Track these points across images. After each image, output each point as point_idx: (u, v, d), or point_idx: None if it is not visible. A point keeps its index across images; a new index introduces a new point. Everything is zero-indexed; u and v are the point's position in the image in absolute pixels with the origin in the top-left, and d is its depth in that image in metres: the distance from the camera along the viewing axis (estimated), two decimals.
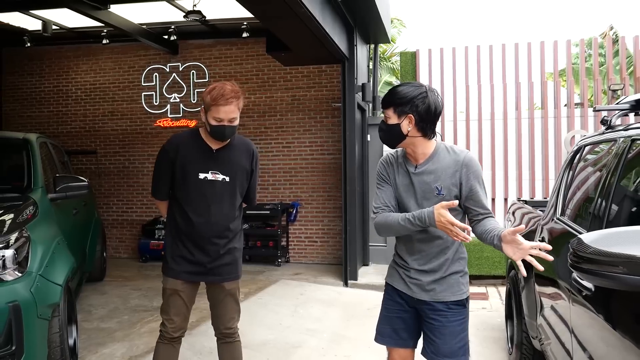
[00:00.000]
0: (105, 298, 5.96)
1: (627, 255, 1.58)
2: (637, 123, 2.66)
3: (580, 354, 2.41)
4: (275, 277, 7.19)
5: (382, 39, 8.31)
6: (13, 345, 2.67)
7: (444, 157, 2.34)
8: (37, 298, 2.86)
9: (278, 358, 4.22)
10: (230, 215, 2.92)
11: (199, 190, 2.84)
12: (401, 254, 2.46)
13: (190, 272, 2.89)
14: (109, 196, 9.00)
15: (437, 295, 2.37)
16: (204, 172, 2.84)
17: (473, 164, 2.34)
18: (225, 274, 2.94)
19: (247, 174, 2.98)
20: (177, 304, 2.92)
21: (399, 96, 2.30)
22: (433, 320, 2.38)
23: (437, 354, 2.38)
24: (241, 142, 2.99)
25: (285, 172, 8.39)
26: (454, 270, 2.39)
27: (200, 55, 8.72)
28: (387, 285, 2.55)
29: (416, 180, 2.35)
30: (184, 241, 2.90)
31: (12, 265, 2.79)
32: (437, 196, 2.30)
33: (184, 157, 2.85)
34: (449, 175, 2.31)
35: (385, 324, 2.52)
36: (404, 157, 2.42)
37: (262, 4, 4.86)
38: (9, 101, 9.54)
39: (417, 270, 2.39)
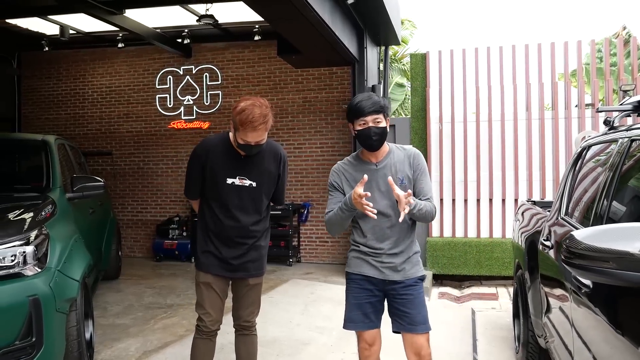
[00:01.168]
0: (120, 295, 6.10)
1: (617, 250, 1.64)
2: (638, 124, 2.71)
3: (581, 349, 2.47)
4: (286, 276, 7.29)
5: (393, 41, 8.39)
6: (33, 337, 2.79)
7: (397, 153, 2.75)
8: (56, 292, 2.98)
9: (288, 354, 4.31)
10: (256, 217, 3.03)
11: (226, 194, 2.95)
12: (370, 243, 2.71)
13: (220, 267, 3.02)
14: (124, 197, 9.18)
15: (407, 273, 2.72)
16: (232, 178, 2.94)
17: (420, 157, 2.78)
18: (250, 270, 3.08)
19: (274, 178, 3.09)
20: (211, 296, 3.04)
21: (383, 103, 2.68)
22: (405, 295, 2.71)
23: (413, 323, 2.70)
24: (270, 147, 3.06)
25: (296, 173, 8.49)
26: (416, 250, 2.79)
27: (213, 58, 8.86)
28: (353, 275, 2.77)
29: (379, 174, 2.68)
30: (212, 238, 3.02)
31: (32, 261, 2.92)
32: (401, 185, 2.63)
33: (213, 162, 2.95)
34: (406, 167, 2.71)
35: (355, 311, 2.74)
36: (359, 159, 2.76)
37: (272, 7, 4.97)
38: (27, 104, 9.77)
39: (389, 254, 2.69)
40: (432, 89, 7.75)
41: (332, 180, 2.79)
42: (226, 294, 3.16)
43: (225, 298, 3.16)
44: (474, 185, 7.60)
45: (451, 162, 7.60)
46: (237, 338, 3.25)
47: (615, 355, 1.98)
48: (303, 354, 4.35)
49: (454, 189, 7.60)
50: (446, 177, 7.62)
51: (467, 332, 5.20)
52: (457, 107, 7.63)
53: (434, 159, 7.58)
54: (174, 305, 5.70)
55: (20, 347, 2.75)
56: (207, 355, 3.15)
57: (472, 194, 7.61)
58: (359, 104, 2.65)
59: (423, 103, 7.72)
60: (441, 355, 4.13)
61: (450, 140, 7.65)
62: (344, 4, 5.96)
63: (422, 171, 2.75)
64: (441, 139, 7.69)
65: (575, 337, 2.58)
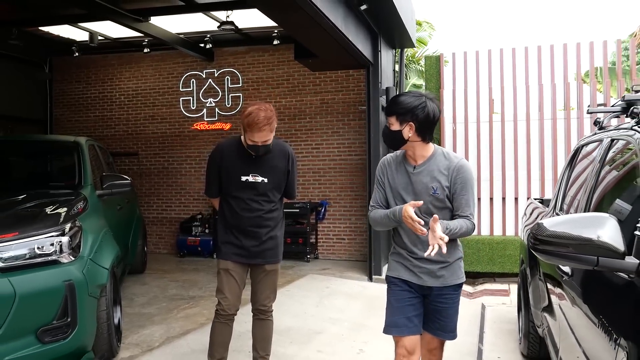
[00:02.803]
0: (145, 288, 6.46)
1: (579, 237, 1.86)
2: (623, 124, 2.90)
3: (565, 330, 2.69)
4: (303, 272, 7.57)
5: (407, 44, 8.59)
6: (68, 318, 3.11)
7: (440, 160, 2.60)
8: (88, 278, 3.30)
9: (300, 342, 4.58)
10: (269, 208, 3.36)
11: (241, 190, 3.30)
12: (407, 246, 2.64)
13: (237, 254, 3.34)
14: (150, 195, 9.57)
15: (446, 281, 2.62)
16: (245, 175, 3.29)
17: (464, 170, 2.58)
18: (267, 257, 3.38)
19: (284, 173, 3.41)
20: (230, 281, 3.34)
21: (401, 106, 2.56)
22: (440, 303, 2.64)
23: (443, 329, 2.68)
24: (278, 146, 3.41)
25: (314, 173, 8.76)
26: (458, 256, 2.68)
27: (234, 61, 9.19)
28: (393, 279, 2.71)
29: (414, 179, 2.60)
30: (232, 230, 3.35)
31: (67, 250, 3.24)
32: (432, 195, 2.55)
33: (228, 162, 3.32)
34: (444, 178, 2.56)
35: (398, 315, 2.65)
36: (404, 157, 2.67)
37: (287, 16, 5.24)
38: (58, 106, 10.25)
39: (425, 259, 2.54)
40: (446, 91, 7.94)
41: (377, 174, 2.75)
42: (244, 282, 3.44)
43: (243, 286, 3.44)
44: (486, 185, 7.78)
45: None
46: (254, 322, 3.54)
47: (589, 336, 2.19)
48: (315, 342, 4.62)
49: None
50: None
51: (475, 325, 5.40)
52: (471, 108, 7.80)
53: None
54: (195, 297, 6.03)
55: (57, 326, 3.07)
56: (225, 338, 3.42)
57: (485, 193, 7.79)
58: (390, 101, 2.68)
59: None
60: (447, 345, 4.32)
61: (463, 141, 7.83)
62: (357, 10, 6.20)
63: (463, 186, 2.58)
64: (455, 139, 7.88)
65: (562, 321, 2.80)
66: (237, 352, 4.12)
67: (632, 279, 1.77)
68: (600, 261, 1.79)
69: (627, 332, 1.66)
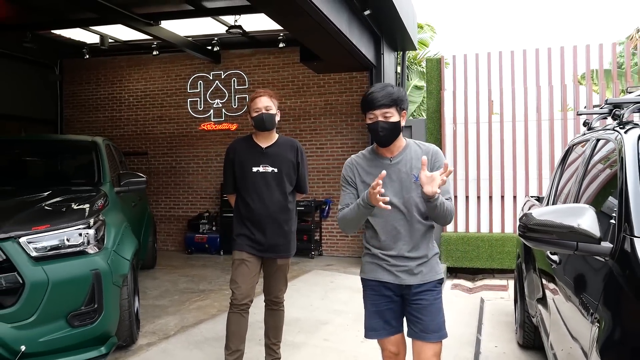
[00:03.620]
0: (157, 282, 6.71)
1: (558, 224, 2.10)
2: (607, 125, 3.14)
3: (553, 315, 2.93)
4: (308, 267, 7.81)
5: (409, 47, 8.84)
6: (95, 304, 3.36)
7: (415, 149, 2.57)
8: (112, 268, 3.55)
9: (308, 331, 4.83)
10: (282, 200, 3.49)
11: (254, 181, 3.46)
12: (383, 245, 2.54)
13: (252, 247, 3.47)
14: (158, 194, 9.82)
15: (424, 277, 2.53)
16: (256, 166, 3.47)
17: (440, 155, 2.58)
18: (279, 251, 3.51)
19: (293, 165, 3.55)
20: (244, 272, 3.46)
21: (398, 95, 2.49)
22: (420, 301, 2.53)
23: (425, 331, 2.53)
24: (286, 140, 3.63)
25: (318, 172, 9.01)
26: (435, 252, 2.60)
27: (240, 63, 9.44)
28: (369, 281, 2.61)
29: (392, 170, 2.50)
30: (245, 223, 3.49)
31: (93, 242, 3.49)
32: (415, 182, 2.48)
33: (240, 156, 3.51)
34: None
35: (375, 319, 2.60)
36: (374, 153, 2.59)
37: (293, 21, 5.49)
38: (69, 107, 10.52)
39: (404, 257, 2.51)
40: (447, 92, 8.19)
41: (345, 174, 2.64)
42: (257, 274, 3.56)
43: (257, 279, 3.56)
44: (486, 183, 8.02)
45: (464, 161, 8.03)
46: (267, 312, 3.71)
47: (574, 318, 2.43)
48: (321, 331, 4.86)
49: (467, 187, 8.03)
50: (460, 175, 8.04)
51: (474, 317, 5.63)
52: (471, 109, 8.04)
53: (449, 158, 8.00)
54: (206, 290, 6.28)
55: (85, 312, 3.32)
56: (240, 329, 3.51)
57: (484, 191, 8.03)
58: (370, 96, 2.49)
59: (438, 105, 8.17)
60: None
61: (463, 140, 8.08)
62: (361, 15, 6.45)
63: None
64: (455, 139, 8.12)
65: (551, 306, 3.04)
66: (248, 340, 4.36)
67: (606, 261, 2.01)
68: (579, 246, 2.03)
69: (600, 306, 1.90)
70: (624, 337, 1.66)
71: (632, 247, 1.85)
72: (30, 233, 3.20)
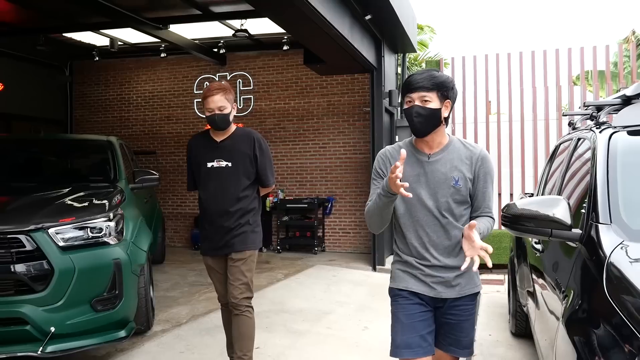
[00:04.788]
0: (167, 276, 7.00)
1: (536, 213, 2.37)
2: (587, 126, 3.41)
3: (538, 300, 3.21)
4: (311, 262, 8.10)
5: (409, 49, 9.11)
6: (116, 290, 3.64)
7: (459, 148, 2.26)
8: (131, 258, 3.83)
9: (312, 320, 5.10)
10: (236, 196, 3.28)
11: (208, 177, 3.31)
12: (416, 252, 2.25)
13: (212, 248, 3.34)
14: (166, 192, 10.11)
15: (463, 290, 2.25)
16: (210, 162, 3.30)
17: (488, 160, 2.27)
18: (233, 245, 3.28)
19: (250, 158, 3.32)
20: (215, 275, 3.42)
21: (443, 80, 2.19)
22: (455, 316, 2.27)
23: (457, 345, 2.30)
24: (243, 132, 3.42)
25: (321, 170, 9.29)
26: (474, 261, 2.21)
27: (245, 65, 9.72)
28: (400, 291, 2.30)
29: (429, 169, 2.23)
30: (203, 222, 3.39)
31: (114, 234, 3.77)
32: (454, 186, 2.20)
33: (196, 152, 3.38)
34: (466, 168, 2.23)
35: (410, 333, 2.23)
36: (413, 147, 2.29)
37: (297, 26, 5.76)
38: (78, 108, 10.82)
39: (440, 266, 2.22)
40: None
41: (376, 166, 2.33)
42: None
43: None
44: None
45: None
46: (232, 318, 3.36)
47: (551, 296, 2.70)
48: (324, 320, 5.14)
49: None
50: None
51: None
52: (469, 109, 8.32)
53: None
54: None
55: (107, 298, 3.60)
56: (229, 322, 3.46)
57: None
58: (409, 78, 2.22)
59: None
60: None
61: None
62: (362, 19, 6.72)
63: (486, 178, 2.25)
64: None
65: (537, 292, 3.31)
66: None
67: (577, 246, 2.28)
68: (553, 232, 2.30)
69: (568, 284, 2.18)
70: (585, 310, 1.93)
71: (597, 232, 2.13)
72: (58, 225, 3.47)
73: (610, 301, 1.67)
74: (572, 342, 1.81)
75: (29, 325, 3.27)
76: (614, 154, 2.48)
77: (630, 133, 2.66)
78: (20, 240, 3.33)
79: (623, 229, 2.08)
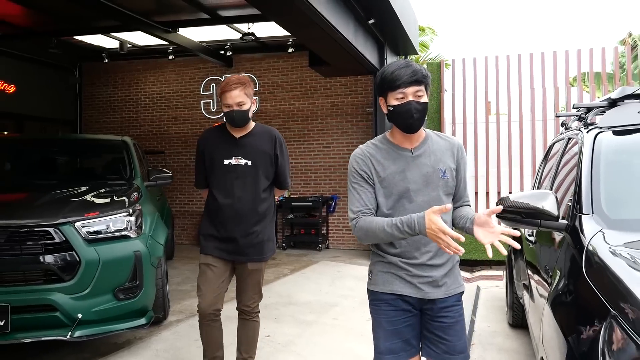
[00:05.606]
0: (177, 271, 7.25)
1: (526, 205, 2.61)
2: (577, 126, 3.64)
3: (530, 288, 3.45)
4: (316, 259, 8.34)
5: (410, 51, 9.35)
6: (137, 281, 3.88)
7: (437, 140, 2.21)
8: (150, 250, 4.08)
9: (319, 312, 5.35)
10: (255, 197, 3.09)
11: (224, 175, 3.08)
12: (404, 252, 2.14)
13: (219, 249, 3.11)
14: (173, 190, 10.36)
15: (449, 289, 2.18)
16: (228, 159, 3.09)
17: (463, 150, 2.27)
18: (250, 254, 3.11)
19: (270, 158, 3.15)
20: (209, 277, 3.11)
21: (425, 73, 2.10)
22: (445, 318, 2.17)
23: (452, 352, 2.17)
24: (264, 129, 3.21)
25: (325, 169, 9.54)
26: (457, 259, 2.24)
27: (251, 67, 9.97)
28: (384, 295, 2.19)
29: (415, 163, 2.14)
30: (213, 222, 3.13)
31: (134, 228, 4.02)
32: (442, 178, 2.16)
33: (211, 147, 3.15)
34: (448, 158, 2.19)
35: (394, 339, 2.18)
36: (389, 143, 2.19)
37: (304, 30, 6.00)
38: (87, 108, 11.08)
39: (427, 265, 2.14)
40: (446, 94, 8.71)
41: (358, 169, 2.16)
42: (227, 278, 3.19)
43: (226, 285, 3.21)
44: (483, 180, 8.53)
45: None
46: (239, 322, 3.32)
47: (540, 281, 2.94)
48: (330, 312, 5.38)
49: None
50: None
51: (470, 302, 6.14)
52: (469, 109, 8.56)
53: None
54: None
55: (129, 287, 3.84)
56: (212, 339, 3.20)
57: (482, 188, 8.53)
58: (395, 72, 2.06)
59: (438, 106, 8.68)
60: None
61: (462, 140, 8.58)
62: (365, 24, 6.97)
63: (465, 168, 2.26)
64: None
65: (531, 282, 3.55)
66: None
67: (563, 235, 2.53)
68: (542, 223, 2.54)
69: (555, 269, 2.42)
70: (567, 289, 2.17)
71: (580, 222, 2.37)
72: (84, 219, 3.72)
73: (587, 279, 1.91)
74: (555, 319, 2.06)
75: (59, 311, 3.51)
76: (598, 152, 2.72)
77: (615, 133, 2.90)
78: (50, 233, 3.58)
79: (603, 218, 2.32)
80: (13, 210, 3.81)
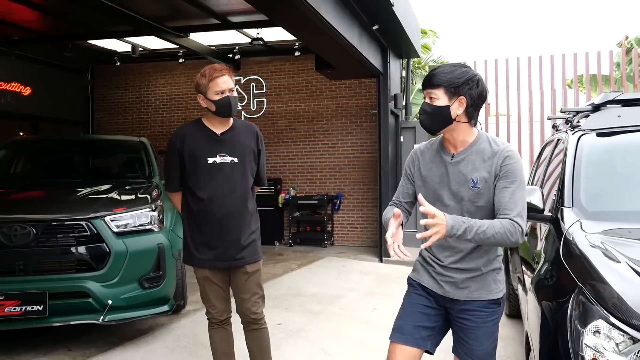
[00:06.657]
0: (186, 266, 7.56)
1: None
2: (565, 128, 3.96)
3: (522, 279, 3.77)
4: (322, 255, 8.67)
5: (413, 55, 9.68)
6: (160, 271, 4.22)
7: (484, 147, 2.11)
8: (172, 243, 4.41)
9: (326, 303, 5.67)
10: (245, 195, 2.92)
11: (209, 175, 2.83)
12: (432, 250, 2.21)
13: (214, 260, 2.88)
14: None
15: (472, 294, 2.15)
16: (212, 157, 2.83)
17: (512, 158, 2.07)
18: (247, 256, 2.92)
19: (254, 154, 2.97)
20: (213, 289, 2.96)
21: (454, 76, 2.05)
22: (465, 321, 2.17)
23: (470, 355, 2.17)
24: (244, 125, 3.02)
25: (330, 169, 9.87)
26: (493, 267, 2.18)
27: (259, 70, 10.31)
28: (412, 281, 2.31)
29: (452, 170, 2.13)
30: (202, 228, 2.87)
31: (157, 222, 4.35)
32: (472, 189, 2.08)
33: (191, 145, 2.84)
34: (485, 167, 2.08)
35: (406, 320, 2.24)
36: (441, 145, 2.20)
37: (311, 37, 6.33)
38: (99, 110, 11.43)
39: (450, 267, 2.16)
40: None
41: (406, 165, 2.30)
42: (228, 283, 3.03)
43: (229, 287, 3.05)
44: None
45: None
46: (247, 335, 3.06)
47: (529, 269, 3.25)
48: (337, 303, 5.71)
49: None
50: None
51: None
52: None
53: None
54: None
55: (153, 277, 4.17)
56: (225, 344, 3.09)
57: None
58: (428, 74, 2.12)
59: None
60: None
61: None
62: (370, 29, 7.29)
63: (509, 178, 2.04)
64: None
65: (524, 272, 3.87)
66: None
67: (548, 226, 2.85)
68: (529, 215, 2.86)
69: (539, 255, 2.74)
70: (547, 272, 2.49)
71: (561, 213, 2.69)
72: (112, 213, 4.05)
73: (562, 260, 2.23)
74: (535, 295, 2.38)
75: (91, 298, 3.85)
76: (580, 152, 3.04)
77: (597, 135, 3.22)
78: (83, 227, 3.91)
79: (581, 210, 2.64)
80: (47, 205, 4.15)
